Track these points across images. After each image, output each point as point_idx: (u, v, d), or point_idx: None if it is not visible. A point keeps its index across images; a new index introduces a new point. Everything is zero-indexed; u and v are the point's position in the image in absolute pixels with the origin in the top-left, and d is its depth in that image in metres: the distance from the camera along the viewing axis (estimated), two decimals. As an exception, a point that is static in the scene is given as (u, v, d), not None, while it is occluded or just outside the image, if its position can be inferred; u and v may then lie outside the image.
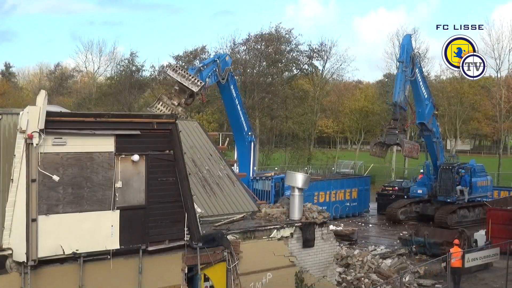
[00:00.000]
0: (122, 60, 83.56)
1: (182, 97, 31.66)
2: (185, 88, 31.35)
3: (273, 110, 72.39)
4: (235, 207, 25.48)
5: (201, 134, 27.96)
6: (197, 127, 28.41)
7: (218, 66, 35.92)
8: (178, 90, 31.72)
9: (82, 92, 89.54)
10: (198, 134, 27.81)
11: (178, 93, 31.76)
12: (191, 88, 31.25)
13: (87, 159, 17.74)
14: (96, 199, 17.91)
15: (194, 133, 27.70)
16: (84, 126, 17.64)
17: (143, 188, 18.93)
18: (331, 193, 49.16)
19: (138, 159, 18.70)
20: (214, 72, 35.82)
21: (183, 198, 19.72)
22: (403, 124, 42.90)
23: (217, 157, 27.26)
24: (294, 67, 77.47)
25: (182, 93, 31.68)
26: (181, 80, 31.26)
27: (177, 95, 31.73)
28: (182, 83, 31.18)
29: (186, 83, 31.19)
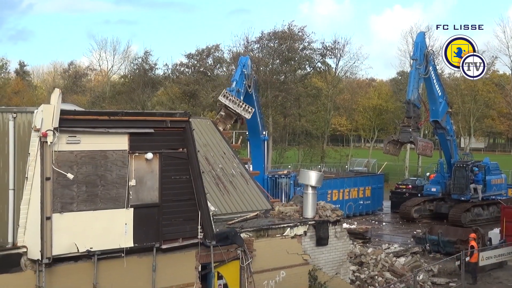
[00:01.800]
0: (136, 59, 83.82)
1: (228, 123, 31.80)
2: (233, 114, 31.49)
3: (286, 108, 72.31)
4: (249, 205, 25.50)
5: (215, 133, 27.99)
6: (211, 125, 28.45)
7: (245, 77, 36.19)
8: (224, 116, 31.80)
9: (96, 91, 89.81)
10: (212, 133, 27.84)
11: (224, 119, 31.90)
12: (244, 116, 31.41)
13: (101, 157, 17.80)
14: (110, 197, 17.97)
15: (208, 131, 27.72)
16: (98, 124, 17.70)
17: (157, 186, 18.98)
18: (345, 191, 49.06)
19: (152, 157, 18.75)
20: (244, 85, 36.10)
21: (197, 196, 19.75)
22: (417, 122, 42.74)
23: (231, 155, 27.27)
24: (307, 65, 77.30)
25: (228, 119, 31.87)
26: (233, 107, 31.39)
27: (222, 121, 31.85)
28: (234, 110, 31.30)
29: (238, 110, 31.38)
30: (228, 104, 31.73)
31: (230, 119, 31.74)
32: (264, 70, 70.68)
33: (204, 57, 77.80)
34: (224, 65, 78.48)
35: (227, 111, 31.60)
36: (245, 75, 36.71)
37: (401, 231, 43.76)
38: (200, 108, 71.53)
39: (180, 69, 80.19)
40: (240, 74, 36.35)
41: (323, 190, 44.31)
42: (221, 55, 77.99)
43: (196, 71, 78.02)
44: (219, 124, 31.34)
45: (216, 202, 24.04)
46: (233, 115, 31.58)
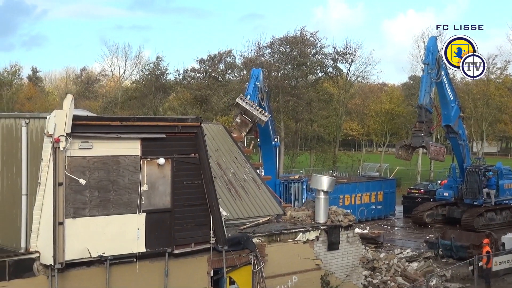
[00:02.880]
0: (148, 64, 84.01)
1: (243, 130, 31.64)
2: (248, 122, 31.39)
3: (298, 113, 72.25)
4: (260, 210, 25.48)
5: (226, 138, 28.00)
6: (222, 130, 28.47)
7: (258, 89, 36.19)
8: (240, 123, 31.66)
9: (108, 96, 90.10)
10: (223, 137, 27.86)
11: (239, 126, 31.72)
12: (260, 118, 31.25)
13: (113, 162, 17.84)
14: (122, 202, 18.01)
15: (220, 136, 27.75)
16: (110, 130, 17.75)
17: (169, 191, 19.01)
18: (357, 196, 48.95)
19: (164, 162, 18.79)
20: (258, 98, 36.07)
21: (209, 201, 19.77)
22: (429, 127, 42.62)
23: (242, 160, 27.28)
24: (318, 70, 77.28)
25: (244, 126, 31.69)
26: (250, 109, 31.29)
27: (238, 128, 31.70)
28: (251, 112, 31.18)
29: (255, 112, 31.25)
30: (245, 106, 31.64)
31: (246, 126, 31.62)
32: (276, 75, 70.71)
33: (216, 62, 77.91)
34: (236, 70, 78.60)
35: (243, 118, 31.51)
36: (258, 87, 36.77)
37: (413, 236, 43.60)
38: (212, 113, 71.61)
39: (191, 75, 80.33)
40: (254, 87, 36.37)
41: (335, 195, 44.22)
42: (233, 60, 78.12)
43: (208, 76, 78.16)
44: (234, 131, 31.23)
45: (228, 207, 24.04)
46: (249, 122, 31.50)
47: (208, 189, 19.71)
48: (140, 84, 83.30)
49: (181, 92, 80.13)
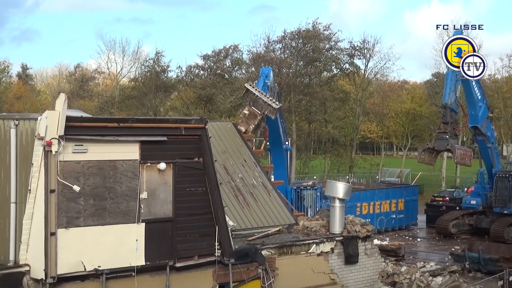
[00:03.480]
0: (147, 60, 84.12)
1: (252, 123, 31.39)
2: (257, 113, 31.23)
3: (311, 113, 72.24)
4: (271, 219, 25.46)
5: (235, 137, 27.87)
6: (231, 129, 28.32)
7: (268, 89, 36.05)
8: (247, 115, 31.46)
9: (104, 95, 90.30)
10: (232, 137, 27.73)
11: (247, 118, 31.47)
12: (271, 106, 31.05)
13: (110, 167, 17.86)
14: (119, 211, 18.02)
15: (228, 136, 27.66)
16: (106, 132, 17.77)
17: (170, 199, 19.01)
18: (375, 204, 48.87)
19: (165, 167, 18.79)
20: None
21: (214, 210, 19.76)
22: (454, 128, 42.50)
23: (252, 163, 27.23)
24: (333, 67, 77.29)
25: (252, 118, 31.43)
26: (260, 95, 31.17)
27: (245, 121, 31.47)
28: (261, 99, 31.04)
29: (265, 98, 31.14)
30: (254, 92, 31.54)
31: (254, 118, 31.40)
32: (287, 72, 70.74)
33: (222, 58, 78.03)
34: (243, 67, 78.69)
35: (252, 110, 31.40)
36: (268, 87, 36.70)
37: (437, 248, 43.51)
38: (217, 113, 71.73)
39: (195, 72, 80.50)
40: (263, 86, 36.30)
41: (352, 203, 44.18)
42: (240, 56, 78.21)
43: (213, 73, 78.27)
44: (241, 124, 31.04)
45: (235, 216, 24.03)
46: (258, 114, 31.39)
47: (213, 197, 19.71)
48: (139, 82, 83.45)
49: (184, 91, 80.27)
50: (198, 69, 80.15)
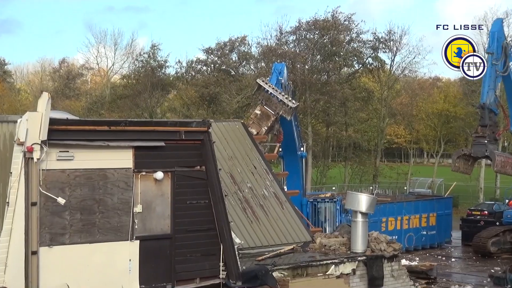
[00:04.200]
0: (142, 55, 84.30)
1: (264, 125, 31.34)
2: (271, 114, 31.18)
3: (330, 115, 72.26)
4: (283, 236, 25.43)
5: (244, 140, 27.65)
6: (240, 129, 28.06)
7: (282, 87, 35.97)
8: (259, 116, 31.38)
9: (93, 95, 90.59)
10: (241, 139, 27.51)
11: (259, 119, 31.38)
12: (288, 105, 30.96)
13: (99, 177, 17.87)
14: (110, 226, 18.02)
15: (235, 138, 27.43)
16: (95, 136, 17.78)
17: (169, 213, 19.02)
18: (403, 219, 48.77)
19: (162, 177, 18.80)
20: None
21: (218, 226, 19.75)
22: (494, 132, 42.42)
23: (263, 170, 27.11)
24: (355, 62, 77.28)
25: (265, 119, 31.35)
26: (275, 93, 31.11)
27: (257, 122, 31.38)
28: (276, 97, 30.97)
29: (280, 96, 31.08)
30: (267, 88, 31.40)
31: (267, 120, 31.29)
32: (302, 68, 70.79)
33: (227, 52, 78.17)
34: (252, 62, 78.76)
35: (264, 109, 31.30)
36: (282, 84, 36.62)
37: (474, 269, 43.39)
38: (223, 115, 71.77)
39: (196, 67, 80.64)
40: (276, 83, 36.23)
41: (377, 217, 44.13)
42: (248, 49, 78.34)
43: (217, 69, 78.42)
44: (252, 126, 30.93)
45: (242, 233, 24.00)
46: (272, 114, 31.31)
47: (218, 210, 19.70)
48: (132, 80, 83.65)
49: (184, 89, 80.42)
50: (200, 65, 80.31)
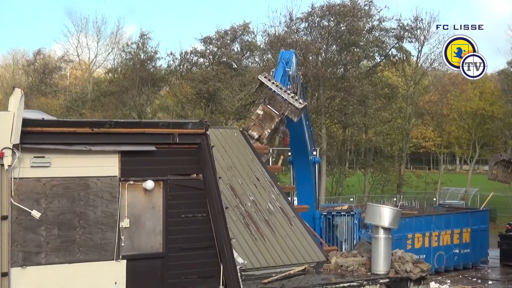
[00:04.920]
0: (129, 45, 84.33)
1: (267, 127, 31.22)
2: (275, 114, 31.09)
3: (347, 114, 72.29)
4: (293, 255, 25.44)
5: (244, 149, 27.94)
6: (239, 137, 28.36)
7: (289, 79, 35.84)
8: (261, 116, 31.28)
9: (73, 91, 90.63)
10: (240, 148, 27.79)
11: (261, 121, 31.27)
12: (294, 106, 30.86)
13: (80, 187, 17.87)
14: (93, 244, 18.01)
15: (234, 146, 27.68)
16: (76, 139, 17.78)
17: (160, 229, 19.00)
18: (432, 235, 48.79)
19: (153, 186, 18.79)
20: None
21: (218, 243, 19.74)
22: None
23: (267, 182, 27.24)
24: (376, 53, 77.31)
25: (268, 121, 31.22)
26: (279, 91, 31.00)
27: (259, 124, 31.24)
28: (280, 96, 30.85)
29: (285, 96, 30.96)
30: (271, 86, 31.29)
31: (271, 121, 31.18)
32: (315, 60, 70.82)
33: (228, 42, 78.20)
34: (257, 54, 78.80)
35: (267, 109, 31.22)
36: (289, 76, 36.36)
37: (515, 294, 43.42)
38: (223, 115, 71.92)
39: (192, 60, 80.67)
40: (282, 75, 35.98)
41: (401, 233, 44.17)
42: (253, 38, 78.37)
43: (217, 62, 78.47)
44: (254, 128, 30.88)
45: (245, 251, 24.02)
46: (276, 115, 31.25)
47: (217, 225, 19.69)
48: (119, 74, 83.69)
49: (178, 85, 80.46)
50: (197, 56, 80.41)
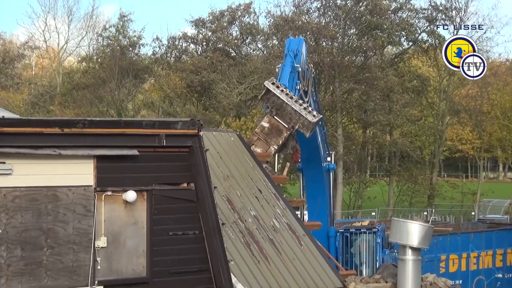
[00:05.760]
0: (106, 29, 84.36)
1: (274, 142, 31.05)
2: (282, 127, 30.91)
3: (368, 112, 72.31)
4: (302, 280, 25.46)
5: (243, 155, 27.96)
6: (236, 142, 28.36)
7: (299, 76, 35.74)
8: (267, 130, 31.05)
9: (40, 84, 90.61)
10: (239, 155, 27.78)
11: (266, 134, 31.12)
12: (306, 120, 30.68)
13: (48, 198, 17.86)
14: (63, 267, 18.02)
15: (231, 152, 27.68)
16: (43, 142, 17.77)
17: (144, 249, 19.00)
18: (470, 257, 48.83)
19: (135, 198, 18.77)
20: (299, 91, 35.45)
21: (213, 266, 19.74)
22: None
23: (271, 194, 27.23)
24: (403, 38, 77.36)
25: (274, 136, 31.01)
26: (289, 102, 30.80)
27: (264, 138, 31.01)
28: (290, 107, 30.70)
29: (296, 107, 30.77)
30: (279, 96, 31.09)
31: (278, 135, 30.98)
32: (330, 47, 70.86)
33: (225, 25, 78.30)
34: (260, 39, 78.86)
35: (274, 121, 31.09)
36: (298, 73, 36.15)
37: None
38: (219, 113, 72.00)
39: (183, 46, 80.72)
40: (291, 72, 35.73)
41: (433, 254, 44.21)
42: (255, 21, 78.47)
43: (211, 48, 78.52)
44: (257, 143, 30.76)
45: (246, 276, 24.04)
46: (285, 129, 31.15)
47: (212, 245, 19.70)
48: (94, 63, 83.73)
49: (165, 76, 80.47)
50: (188, 42, 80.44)
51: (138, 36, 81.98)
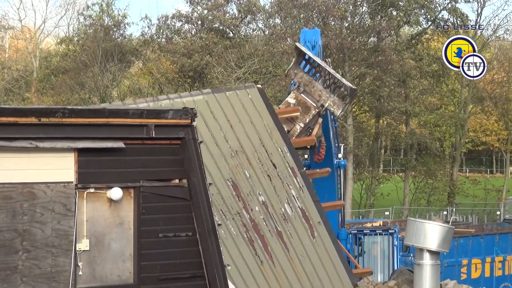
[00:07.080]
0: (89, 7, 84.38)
1: (300, 120, 30.96)
2: (310, 105, 30.87)
3: (382, 99, 72.32)
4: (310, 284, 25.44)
5: (261, 118, 26.54)
6: (255, 100, 26.69)
7: None
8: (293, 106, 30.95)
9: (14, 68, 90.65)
10: (255, 119, 26.23)
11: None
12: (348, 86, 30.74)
13: (23, 196, 17.89)
14: (40, 273, 18.06)
15: (246, 118, 26.19)
16: (17, 133, 17.81)
17: (131, 252, 19.03)
18: (495, 261, 48.86)
19: (121, 196, 18.80)
20: None
21: (208, 271, 19.78)
22: None
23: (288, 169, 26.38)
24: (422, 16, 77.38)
25: (301, 113, 30.88)
26: (329, 70, 30.86)
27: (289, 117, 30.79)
28: (337, 77, 30.73)
29: (338, 76, 30.81)
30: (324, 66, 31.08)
31: (305, 113, 30.98)
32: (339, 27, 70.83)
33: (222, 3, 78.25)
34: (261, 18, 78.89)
35: (302, 98, 30.98)
36: None
37: None
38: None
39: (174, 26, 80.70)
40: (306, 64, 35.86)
41: (454, 258, 44.22)
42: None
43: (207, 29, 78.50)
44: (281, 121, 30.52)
45: (246, 281, 24.05)
46: (313, 106, 31.08)
47: (207, 248, 19.72)
48: (75, 45, 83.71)
49: (154, 59, 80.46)
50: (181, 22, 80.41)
51: (124, 15, 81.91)
